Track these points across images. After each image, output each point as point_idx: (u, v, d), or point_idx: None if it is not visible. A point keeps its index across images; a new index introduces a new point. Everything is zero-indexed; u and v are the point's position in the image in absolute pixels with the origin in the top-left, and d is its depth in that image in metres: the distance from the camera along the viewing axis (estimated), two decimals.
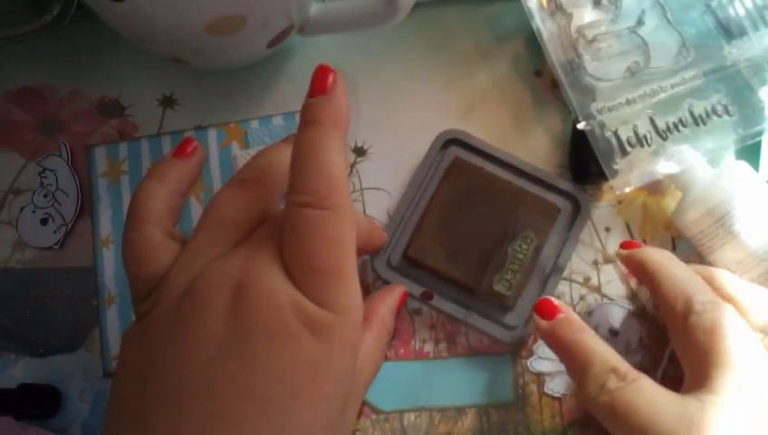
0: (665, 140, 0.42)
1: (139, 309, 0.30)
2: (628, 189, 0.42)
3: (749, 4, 0.43)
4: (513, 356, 0.43)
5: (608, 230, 0.45)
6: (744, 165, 0.42)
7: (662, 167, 0.42)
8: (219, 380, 0.26)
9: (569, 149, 0.46)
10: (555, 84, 0.47)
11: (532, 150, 0.47)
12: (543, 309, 0.37)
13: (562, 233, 0.44)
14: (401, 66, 0.49)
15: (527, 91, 0.48)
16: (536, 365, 0.43)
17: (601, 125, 0.42)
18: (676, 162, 0.42)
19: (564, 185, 0.45)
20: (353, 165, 0.47)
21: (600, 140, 0.42)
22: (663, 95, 0.42)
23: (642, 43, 0.43)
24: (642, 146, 0.42)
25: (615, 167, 0.42)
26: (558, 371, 0.43)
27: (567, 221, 0.44)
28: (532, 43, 0.45)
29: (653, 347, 0.43)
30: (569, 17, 0.44)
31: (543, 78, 0.49)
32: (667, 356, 0.42)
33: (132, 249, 0.31)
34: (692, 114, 0.42)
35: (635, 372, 0.33)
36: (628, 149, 0.42)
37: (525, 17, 0.45)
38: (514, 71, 0.49)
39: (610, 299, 0.44)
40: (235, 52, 0.44)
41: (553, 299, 0.37)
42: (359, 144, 0.47)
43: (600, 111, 0.42)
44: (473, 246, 0.43)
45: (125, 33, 0.42)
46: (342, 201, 0.29)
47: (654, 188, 0.46)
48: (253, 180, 0.33)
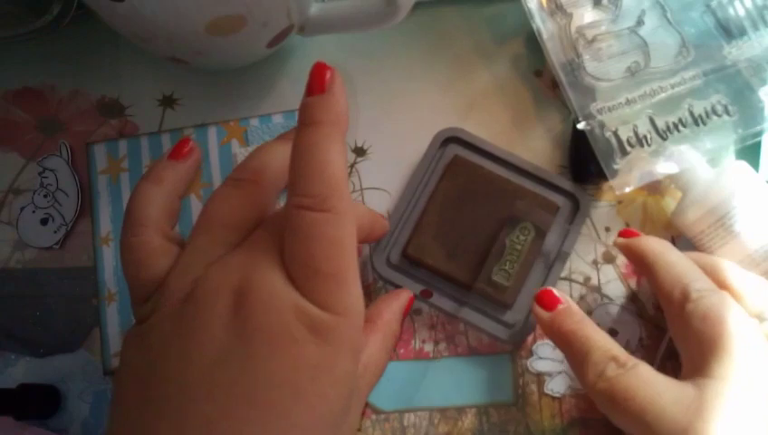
0: (665, 140, 0.42)
1: (139, 312, 0.30)
2: (628, 189, 0.42)
3: (749, 4, 0.43)
4: (513, 356, 0.43)
5: (608, 230, 0.45)
6: (744, 165, 0.42)
7: (662, 167, 0.42)
8: (222, 384, 0.26)
9: (569, 149, 0.46)
10: (555, 84, 0.47)
11: (532, 150, 0.47)
12: (544, 300, 0.37)
13: (561, 230, 0.44)
14: (401, 66, 0.49)
15: (527, 92, 0.48)
16: (536, 365, 0.43)
17: (601, 125, 0.42)
18: (676, 162, 0.42)
19: (564, 183, 0.45)
20: (353, 165, 0.47)
21: (600, 140, 0.42)
22: (663, 95, 0.42)
23: (642, 43, 0.43)
24: (642, 146, 0.42)
25: (615, 167, 0.42)
26: (558, 371, 0.43)
27: (566, 219, 0.45)
28: (532, 43, 0.45)
29: (653, 347, 0.43)
30: (569, 17, 0.44)
31: (543, 78, 0.49)
32: (664, 346, 0.42)
33: (131, 254, 0.31)
34: (692, 114, 0.42)
35: (634, 360, 0.33)
36: (628, 149, 0.42)
37: (525, 17, 0.44)
38: (514, 71, 0.49)
39: (610, 299, 0.44)
40: (235, 52, 0.44)
41: (554, 290, 0.37)
42: (359, 144, 0.47)
43: (600, 111, 0.42)
44: (472, 244, 0.43)
45: (125, 34, 0.42)
46: (343, 203, 0.29)
47: (654, 188, 0.46)
48: (249, 180, 0.33)
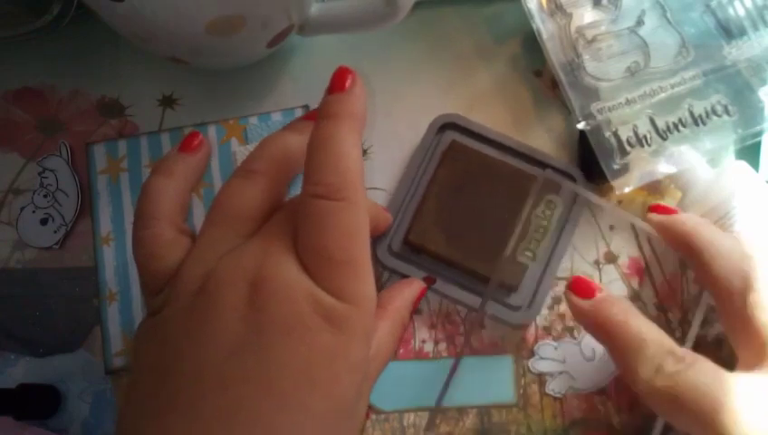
0: (665, 140, 0.42)
1: (151, 304, 0.30)
2: (627, 189, 0.42)
3: (749, 4, 0.43)
4: (516, 358, 0.43)
5: (612, 229, 0.45)
6: (744, 165, 0.42)
7: (662, 167, 0.42)
8: (237, 375, 0.26)
9: (577, 148, 0.46)
10: (555, 84, 0.47)
11: None
12: (580, 287, 0.34)
13: (564, 209, 0.44)
14: (401, 66, 0.49)
15: (527, 92, 0.48)
16: (537, 366, 0.43)
17: (601, 125, 0.42)
18: (676, 162, 0.42)
19: (562, 164, 0.45)
20: None
21: (600, 140, 0.42)
22: (663, 95, 0.42)
23: (642, 43, 0.43)
24: (642, 146, 0.42)
25: (615, 167, 0.42)
26: (559, 371, 0.43)
27: (567, 201, 0.45)
28: (532, 43, 0.45)
29: None
30: (569, 17, 0.44)
31: (543, 78, 0.49)
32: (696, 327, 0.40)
33: (143, 247, 0.31)
34: (692, 114, 0.42)
35: (692, 354, 0.31)
36: (628, 149, 0.42)
37: (525, 17, 0.44)
38: (514, 71, 0.49)
39: None
40: (235, 52, 0.44)
41: (586, 277, 0.35)
42: None
43: (600, 111, 0.42)
44: (473, 229, 0.43)
45: (125, 34, 0.42)
46: (357, 193, 0.29)
47: (654, 188, 0.46)
48: (260, 171, 0.32)
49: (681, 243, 0.36)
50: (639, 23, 0.43)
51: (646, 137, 0.42)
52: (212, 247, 0.30)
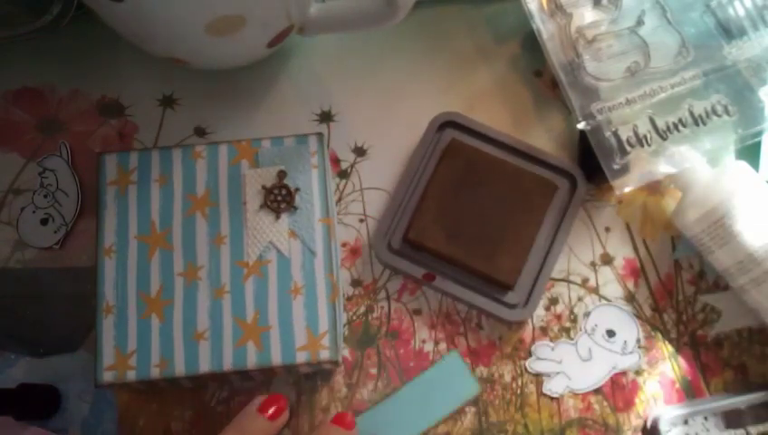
0: (665, 140, 0.42)
1: None
2: (627, 189, 0.42)
3: (749, 4, 0.43)
4: (461, 352, 0.43)
5: (608, 230, 0.45)
6: (744, 165, 0.42)
7: (662, 167, 0.42)
8: None
9: (577, 148, 0.46)
10: (555, 84, 0.47)
11: None
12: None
13: (559, 209, 0.44)
14: (401, 66, 0.49)
15: (527, 92, 0.48)
16: (534, 366, 0.43)
17: (601, 125, 0.42)
18: (676, 162, 0.42)
19: (560, 162, 0.45)
20: (353, 165, 0.47)
21: (600, 140, 0.42)
22: (663, 95, 0.42)
23: (642, 43, 0.43)
24: (642, 146, 0.42)
25: (615, 167, 0.42)
26: (556, 371, 0.43)
27: (565, 198, 0.45)
28: (532, 43, 0.45)
29: (650, 348, 0.43)
30: (569, 17, 0.44)
31: (543, 78, 0.49)
32: None
33: None
34: (692, 114, 0.42)
35: None
36: (628, 149, 0.42)
37: (525, 17, 0.44)
38: (514, 71, 0.49)
39: (608, 300, 0.44)
40: (234, 52, 0.44)
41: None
42: (359, 144, 0.47)
43: (600, 111, 0.42)
44: (473, 226, 0.43)
45: (125, 34, 0.42)
46: None
47: (654, 188, 0.46)
48: None
49: None
50: (639, 23, 0.43)
51: (646, 137, 0.42)
52: None
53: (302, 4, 0.42)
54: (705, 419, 0.41)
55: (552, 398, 0.43)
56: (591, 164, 0.43)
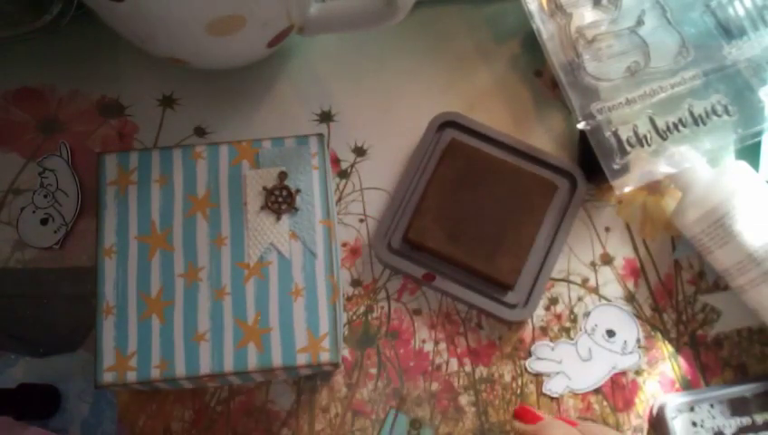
0: (665, 140, 0.42)
1: None
2: (627, 189, 0.42)
3: (749, 4, 0.43)
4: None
5: (608, 230, 0.45)
6: (744, 165, 0.42)
7: (662, 167, 0.42)
8: None
9: (577, 148, 0.46)
10: (555, 84, 0.47)
11: None
12: (525, 415, 0.38)
13: (559, 209, 0.44)
14: (401, 66, 0.49)
15: (527, 92, 0.48)
16: (534, 366, 0.43)
17: (601, 125, 0.42)
18: (676, 162, 0.42)
19: (560, 162, 0.45)
20: (353, 165, 0.47)
21: (600, 140, 0.42)
22: (663, 95, 0.42)
23: (642, 43, 0.43)
24: (642, 146, 0.42)
25: (615, 167, 0.42)
26: (556, 371, 0.43)
27: (564, 198, 0.45)
28: (532, 43, 0.45)
29: (650, 348, 0.43)
30: (569, 17, 0.44)
31: (543, 78, 0.49)
32: None
33: None
34: (692, 114, 0.42)
35: None
36: (628, 149, 0.42)
37: (525, 17, 0.44)
38: (514, 71, 0.49)
39: (608, 300, 0.44)
40: (235, 52, 0.44)
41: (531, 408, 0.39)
42: (359, 144, 0.47)
43: (600, 111, 0.42)
44: (473, 226, 0.43)
45: (125, 34, 0.42)
46: None
47: (654, 188, 0.46)
48: None
49: None
50: (639, 23, 0.43)
51: (646, 137, 0.42)
52: None
53: (302, 4, 0.42)
54: (711, 406, 0.41)
55: (552, 398, 0.43)
56: (591, 164, 0.43)
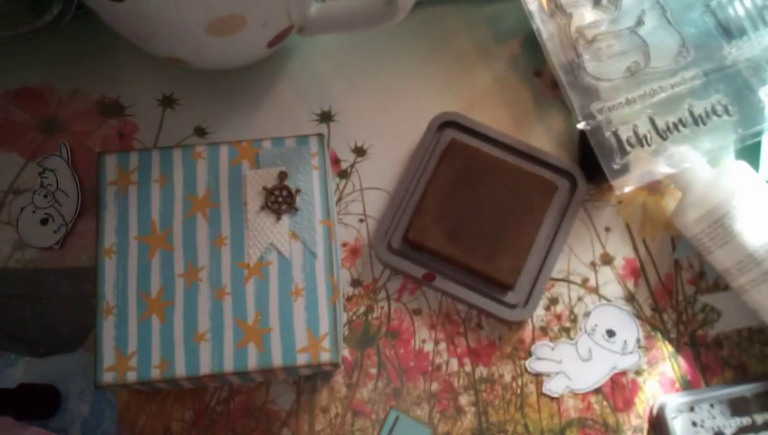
0: (665, 140, 0.42)
1: None
2: (627, 189, 0.42)
3: (749, 4, 0.43)
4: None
5: (608, 230, 0.46)
6: (744, 165, 0.42)
7: (662, 167, 0.42)
8: None
9: (577, 148, 0.46)
10: (555, 84, 0.47)
11: None
12: None
13: (559, 209, 0.44)
14: (401, 66, 0.49)
15: (527, 92, 0.48)
16: (534, 366, 0.43)
17: (601, 125, 0.42)
18: (675, 162, 0.42)
19: (560, 162, 0.45)
20: (353, 165, 0.47)
21: (600, 140, 0.42)
22: (663, 95, 0.42)
23: (642, 43, 0.43)
24: (642, 146, 0.42)
25: (615, 167, 0.42)
26: (556, 371, 0.43)
27: (564, 198, 0.45)
28: (532, 43, 0.45)
29: (650, 348, 0.43)
30: (569, 17, 0.44)
31: (543, 78, 0.49)
32: None
33: None
34: (692, 114, 0.42)
35: None
36: (628, 149, 0.42)
37: (525, 17, 0.44)
38: (514, 71, 0.49)
39: (608, 300, 0.44)
40: (235, 52, 0.44)
41: None
42: (359, 144, 0.47)
43: (600, 111, 0.42)
44: (473, 226, 0.43)
45: (125, 34, 0.42)
46: None
47: (654, 188, 0.46)
48: None
49: None
50: (639, 23, 0.43)
51: (646, 137, 0.42)
52: None
53: (302, 4, 0.42)
54: (712, 406, 0.41)
55: (552, 398, 0.43)
56: (591, 164, 0.43)
